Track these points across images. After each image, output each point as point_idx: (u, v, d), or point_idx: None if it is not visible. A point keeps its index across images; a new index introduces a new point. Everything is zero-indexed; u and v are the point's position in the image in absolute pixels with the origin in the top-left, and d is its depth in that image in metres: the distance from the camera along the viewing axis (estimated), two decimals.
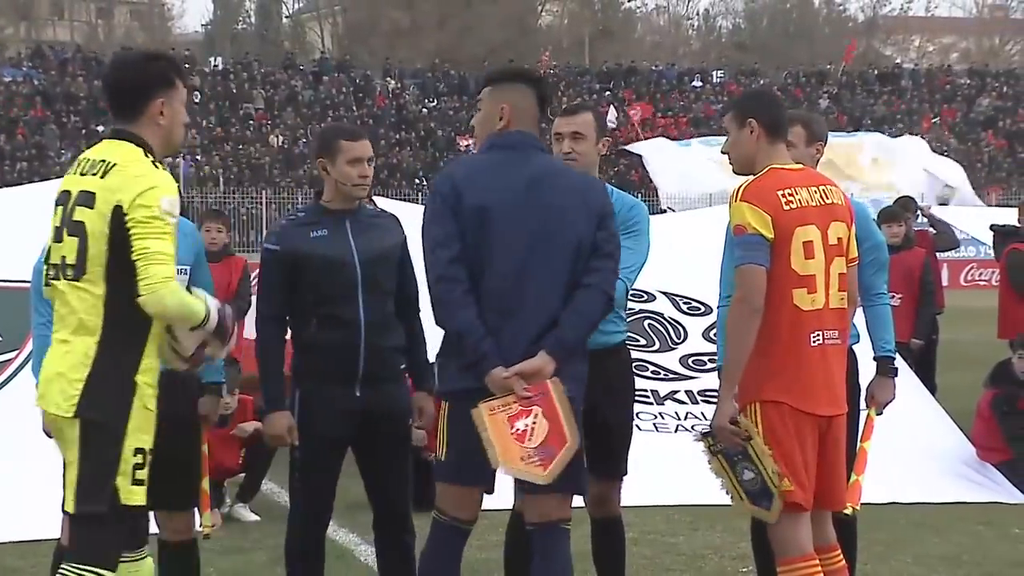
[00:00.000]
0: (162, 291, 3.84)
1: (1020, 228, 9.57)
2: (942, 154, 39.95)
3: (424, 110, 45.16)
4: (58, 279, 3.97)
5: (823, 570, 4.33)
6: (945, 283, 13.26)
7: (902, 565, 6.30)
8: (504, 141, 4.29)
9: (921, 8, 69.63)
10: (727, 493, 4.35)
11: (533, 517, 4.22)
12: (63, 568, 3.85)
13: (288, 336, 4.90)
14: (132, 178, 3.93)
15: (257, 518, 7.33)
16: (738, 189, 4.28)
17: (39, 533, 6.33)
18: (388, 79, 46.36)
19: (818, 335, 4.25)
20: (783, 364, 4.22)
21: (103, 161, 3.98)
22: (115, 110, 4.14)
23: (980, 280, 30.02)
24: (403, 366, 4.86)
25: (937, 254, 10.73)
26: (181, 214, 4.11)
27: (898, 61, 59.80)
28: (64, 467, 3.97)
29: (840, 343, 4.34)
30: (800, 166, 4.47)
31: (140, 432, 3.92)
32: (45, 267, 4.06)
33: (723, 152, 4.55)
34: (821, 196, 4.31)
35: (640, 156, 40.15)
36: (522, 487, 4.26)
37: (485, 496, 4.33)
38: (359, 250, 4.74)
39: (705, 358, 8.38)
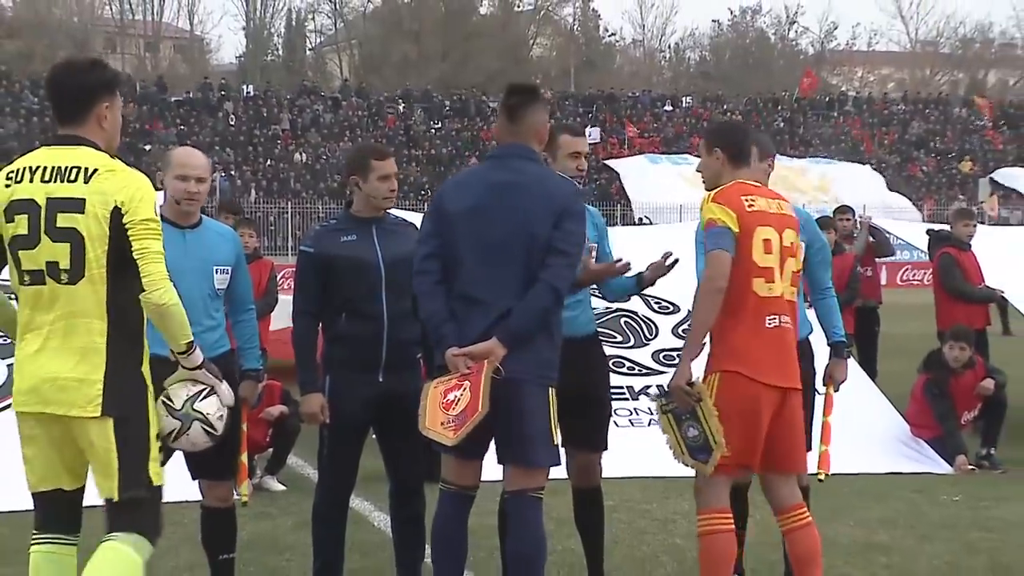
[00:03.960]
0: (164, 286, 3.64)
1: (952, 233, 9.59)
2: (881, 171, 40.02)
3: (431, 131, 45.13)
4: (42, 283, 3.62)
5: (792, 526, 4.45)
6: (884, 282, 13.30)
7: (846, 528, 6.30)
8: (491, 154, 4.41)
9: (863, 43, 69.78)
10: (670, 448, 4.42)
11: (507, 487, 4.21)
12: (115, 543, 3.68)
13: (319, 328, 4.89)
14: (127, 181, 3.66)
15: (284, 488, 7.32)
16: (709, 194, 4.42)
17: (91, 499, 6.32)
18: (398, 104, 46.32)
19: (774, 318, 4.35)
20: (744, 341, 4.31)
21: (75, 167, 3.63)
22: (61, 114, 3.78)
23: (914, 280, 30.22)
24: (419, 355, 4.86)
25: (876, 259, 10.74)
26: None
27: (843, 89, 59.93)
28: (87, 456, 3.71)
29: (792, 327, 4.44)
30: (760, 184, 4.60)
31: (156, 420, 3.79)
32: (14, 272, 3.70)
33: (697, 171, 4.69)
34: (777, 207, 4.46)
35: (618, 172, 40.22)
36: (503, 461, 4.23)
37: (483, 468, 4.33)
38: (383, 253, 4.75)
39: (674, 353, 8.36)
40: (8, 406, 7.00)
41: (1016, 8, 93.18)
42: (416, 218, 5.09)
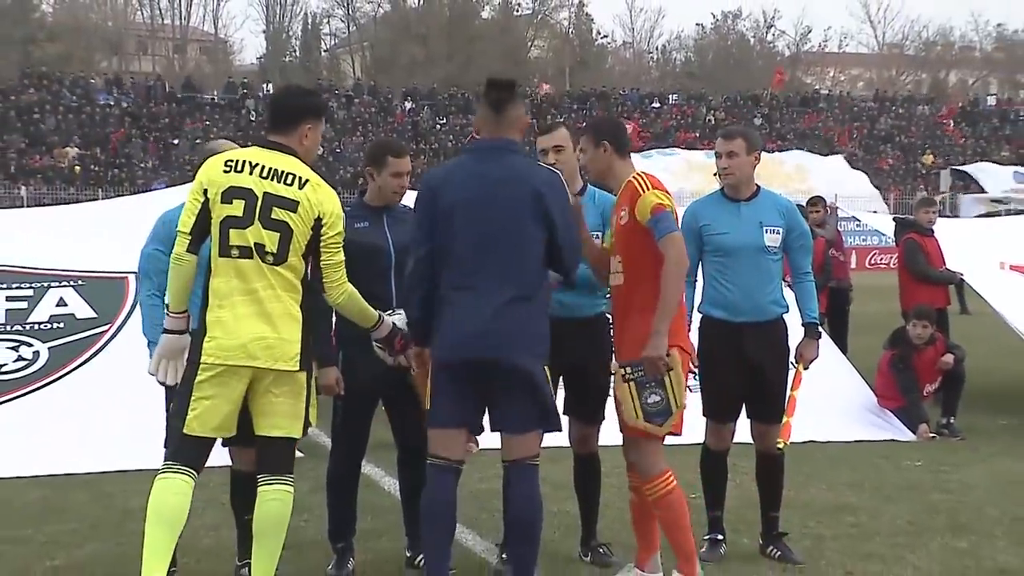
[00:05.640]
0: (344, 289, 4.14)
1: (916, 220, 9.59)
2: (852, 164, 39.93)
3: (436, 126, 45.02)
4: (248, 259, 3.98)
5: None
6: (853, 266, 13.31)
7: (818, 491, 6.31)
8: (477, 146, 4.28)
9: (835, 46, 69.64)
10: (624, 413, 4.32)
11: (505, 455, 4.17)
12: (284, 482, 4.09)
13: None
14: (328, 197, 4.08)
15: (301, 455, 7.30)
16: (642, 185, 4.29)
17: (129, 464, 6.35)
18: (406, 101, 46.18)
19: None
20: (678, 319, 4.31)
21: (292, 174, 4.03)
22: (274, 125, 4.15)
23: (881, 263, 30.23)
24: None
25: (845, 242, 10.75)
26: None
27: (816, 88, 59.77)
28: (261, 405, 4.06)
29: None
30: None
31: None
32: (217, 244, 3.99)
33: (581, 166, 4.58)
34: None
35: None
36: (501, 430, 4.19)
37: (485, 437, 4.30)
38: (393, 240, 4.71)
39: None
40: (50, 383, 7.15)
41: (974, 13, 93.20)
42: None
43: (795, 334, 5.09)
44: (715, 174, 5.12)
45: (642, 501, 4.49)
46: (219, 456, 4.81)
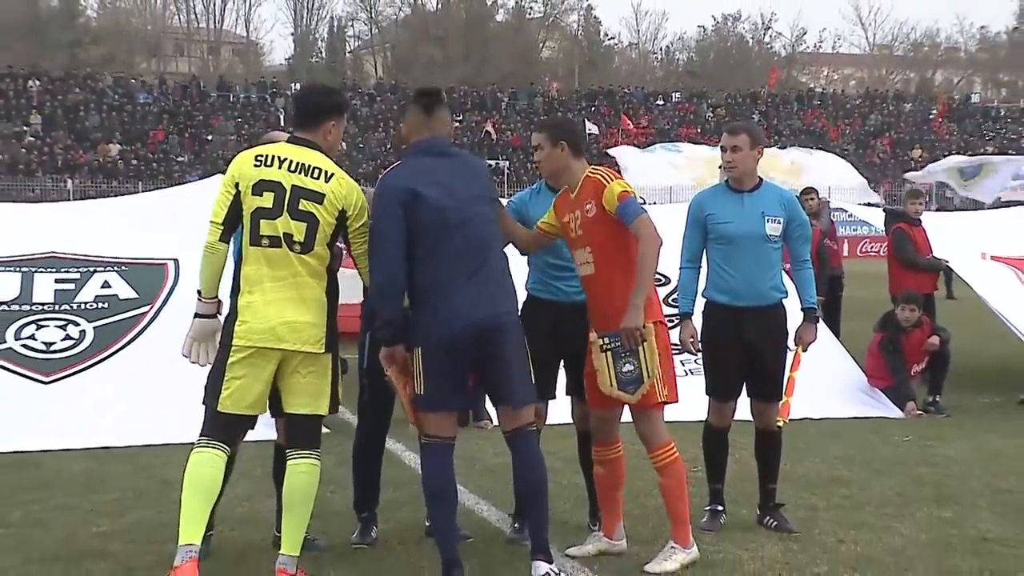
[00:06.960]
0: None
1: (905, 211, 9.53)
2: (843, 158, 39.69)
3: (453, 122, 44.87)
4: (278, 247, 3.97)
5: (614, 457, 4.50)
6: (845, 253, 13.24)
7: (812, 464, 6.30)
8: (421, 149, 4.16)
9: (828, 46, 69.30)
10: (599, 381, 4.30)
11: (505, 427, 4.16)
12: (311, 455, 4.09)
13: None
14: (352, 189, 4.07)
15: (328, 431, 7.30)
16: (605, 177, 4.29)
17: (168, 438, 6.37)
18: None
19: None
20: (653, 293, 4.33)
21: (318, 168, 4.03)
22: (299, 122, 4.15)
23: (871, 252, 30.10)
24: None
25: (837, 231, 10.69)
26: None
27: (811, 86, 59.45)
28: (289, 384, 4.06)
29: None
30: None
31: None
32: (248, 234, 3.97)
33: (537, 160, 4.52)
34: None
35: (614, 158, 39.92)
36: (505, 402, 4.15)
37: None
38: None
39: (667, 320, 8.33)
40: (95, 363, 7.16)
41: (959, 16, 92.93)
42: None
43: (794, 319, 5.07)
44: (720, 166, 5.09)
45: (607, 474, 4.53)
46: (252, 431, 4.84)
